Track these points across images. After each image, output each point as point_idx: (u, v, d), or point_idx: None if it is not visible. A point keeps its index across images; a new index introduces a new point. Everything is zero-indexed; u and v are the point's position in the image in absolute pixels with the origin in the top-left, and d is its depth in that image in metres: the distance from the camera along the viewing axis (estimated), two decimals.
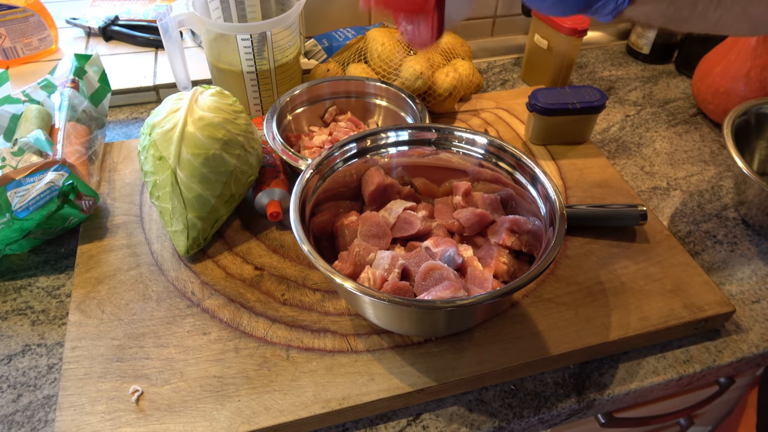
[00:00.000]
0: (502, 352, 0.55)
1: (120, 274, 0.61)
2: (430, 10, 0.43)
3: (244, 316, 0.57)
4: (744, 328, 0.62)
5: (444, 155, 0.63)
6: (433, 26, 0.44)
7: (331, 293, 0.60)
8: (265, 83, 0.79)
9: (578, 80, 1.00)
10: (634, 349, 0.59)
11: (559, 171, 0.76)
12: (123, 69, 0.92)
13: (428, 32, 0.45)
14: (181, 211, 0.60)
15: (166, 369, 0.53)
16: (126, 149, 0.77)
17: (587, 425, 0.69)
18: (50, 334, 0.58)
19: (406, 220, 0.59)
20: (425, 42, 0.46)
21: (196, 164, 0.59)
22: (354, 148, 0.61)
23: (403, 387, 0.52)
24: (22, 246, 0.63)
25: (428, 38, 0.45)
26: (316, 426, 0.51)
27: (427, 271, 0.52)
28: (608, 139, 0.86)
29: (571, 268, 0.63)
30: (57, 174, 0.60)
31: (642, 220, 0.66)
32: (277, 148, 0.67)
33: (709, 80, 0.86)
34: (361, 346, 0.55)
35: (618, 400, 0.57)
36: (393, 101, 0.77)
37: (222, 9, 0.79)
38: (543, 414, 0.54)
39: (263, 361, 0.54)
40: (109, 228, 0.66)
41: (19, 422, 0.51)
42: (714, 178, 0.80)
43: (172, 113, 0.61)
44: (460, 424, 0.53)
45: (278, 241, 0.66)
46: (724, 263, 0.68)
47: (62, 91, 0.71)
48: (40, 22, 0.93)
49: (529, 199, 0.58)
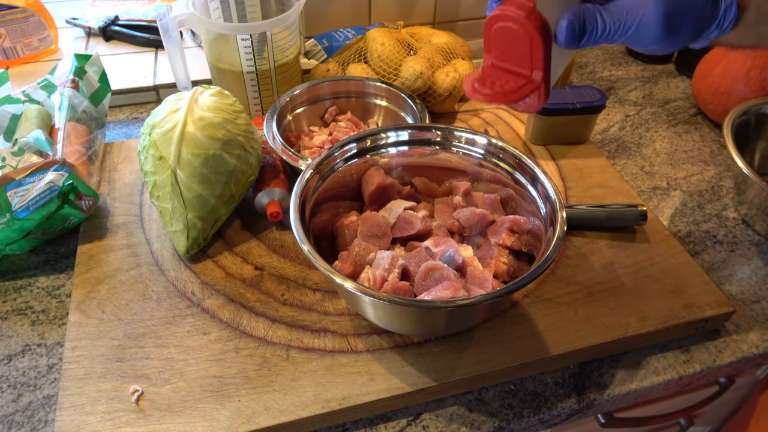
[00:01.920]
0: (502, 352, 0.55)
1: (120, 274, 0.61)
2: (538, 85, 0.44)
3: (244, 316, 0.57)
4: (744, 328, 0.62)
5: (444, 155, 0.63)
6: (541, 96, 0.45)
7: (331, 293, 0.60)
8: (265, 83, 0.79)
9: (578, 80, 1.00)
10: (634, 349, 0.59)
11: (559, 171, 0.76)
12: (123, 69, 0.92)
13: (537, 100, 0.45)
14: (181, 211, 0.60)
15: (166, 369, 0.53)
16: (126, 149, 0.77)
17: (587, 425, 0.69)
18: (50, 334, 0.58)
19: (406, 220, 0.59)
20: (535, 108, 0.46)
21: (196, 164, 0.59)
22: (354, 148, 0.61)
23: (403, 387, 0.52)
24: (22, 246, 0.63)
25: (538, 104, 0.45)
26: (316, 426, 0.51)
27: (427, 271, 0.52)
28: (608, 139, 0.86)
29: (571, 268, 0.63)
30: (57, 174, 0.60)
31: (642, 220, 0.66)
32: (277, 148, 0.67)
33: (709, 80, 0.86)
34: (361, 346, 0.55)
35: (618, 400, 0.57)
36: (393, 101, 0.77)
37: (222, 9, 0.79)
38: (543, 414, 0.54)
39: (263, 361, 0.54)
40: (109, 228, 0.66)
41: (19, 422, 0.51)
42: (714, 178, 0.80)
43: (172, 113, 0.61)
44: (460, 424, 0.53)
45: (278, 241, 0.66)
46: (724, 263, 0.68)
47: (62, 91, 0.71)
48: (40, 22, 0.93)
49: (529, 199, 0.58)
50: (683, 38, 0.42)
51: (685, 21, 0.41)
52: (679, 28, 0.41)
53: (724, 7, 0.41)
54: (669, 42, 0.42)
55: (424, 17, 0.99)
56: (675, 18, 0.41)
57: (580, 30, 0.42)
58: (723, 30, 0.42)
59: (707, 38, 0.43)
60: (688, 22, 0.41)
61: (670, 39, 0.42)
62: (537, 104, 0.45)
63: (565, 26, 0.42)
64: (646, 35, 0.41)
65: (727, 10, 0.41)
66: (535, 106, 0.45)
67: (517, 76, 0.44)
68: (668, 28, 0.41)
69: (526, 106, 0.46)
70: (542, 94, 0.44)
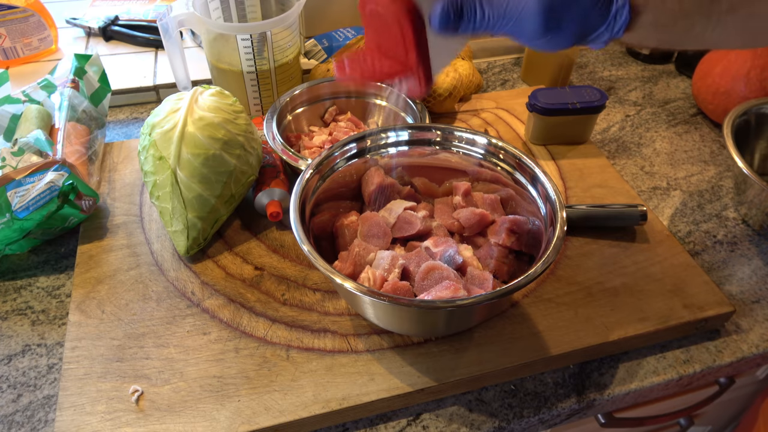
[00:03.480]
0: (502, 352, 0.55)
1: (120, 274, 0.61)
2: (413, 69, 0.43)
3: (244, 316, 0.57)
4: (744, 328, 0.62)
5: (444, 155, 0.63)
6: (420, 80, 0.44)
7: (331, 293, 0.60)
8: (265, 83, 0.79)
9: (578, 80, 1.00)
10: (634, 349, 0.59)
11: (559, 171, 0.76)
12: (123, 69, 0.92)
13: (418, 86, 0.45)
14: (181, 211, 0.60)
15: (166, 369, 0.53)
16: (126, 149, 0.77)
17: (587, 425, 0.69)
18: (50, 334, 0.58)
19: (406, 220, 0.59)
20: (418, 93, 0.46)
21: (196, 164, 0.59)
22: (354, 148, 0.61)
23: (403, 387, 0.52)
24: (22, 246, 0.63)
25: (419, 90, 0.45)
26: (316, 426, 0.51)
27: (427, 271, 0.52)
28: (608, 139, 0.86)
29: (571, 268, 0.63)
30: (57, 174, 0.60)
31: (642, 220, 0.66)
32: (277, 148, 0.67)
33: (709, 80, 0.86)
34: (361, 346, 0.55)
35: (618, 400, 0.57)
36: (393, 101, 0.77)
37: (222, 9, 0.79)
38: (543, 414, 0.54)
39: (263, 361, 0.54)
40: (109, 228, 0.66)
41: (19, 422, 0.51)
42: (714, 178, 0.80)
43: (172, 113, 0.61)
44: (460, 424, 0.53)
45: (278, 241, 0.66)
46: (724, 263, 0.68)
47: (62, 91, 0.71)
48: (40, 22, 0.93)
49: (529, 199, 0.58)
50: (566, 36, 0.40)
51: (568, 18, 0.39)
52: (561, 26, 0.40)
53: (615, 9, 0.39)
54: (551, 39, 0.40)
55: None
56: (555, 13, 0.39)
57: (456, 16, 0.40)
58: (614, 33, 0.40)
59: (600, 40, 0.41)
60: (571, 20, 0.40)
61: (551, 35, 0.40)
62: (418, 89, 0.45)
63: (439, 12, 0.40)
64: (526, 28, 0.40)
65: (617, 13, 0.39)
66: (417, 90, 0.45)
67: (392, 59, 0.44)
68: (548, 24, 0.39)
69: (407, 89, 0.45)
70: (422, 78, 0.44)
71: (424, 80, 0.44)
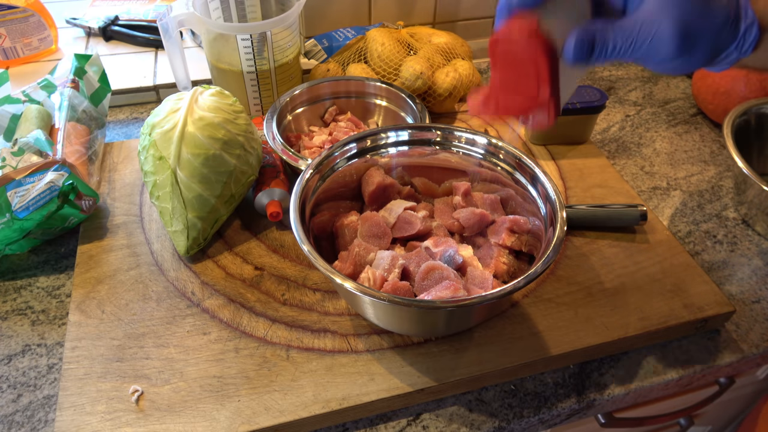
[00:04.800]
0: (502, 352, 0.55)
1: (120, 274, 0.61)
2: (546, 103, 0.43)
3: (244, 316, 0.57)
4: (744, 328, 0.62)
5: (444, 155, 0.63)
6: (550, 113, 0.44)
7: (331, 293, 0.60)
8: (265, 83, 0.79)
9: (578, 80, 1.00)
10: (634, 349, 0.59)
11: (559, 171, 0.76)
12: (123, 69, 0.92)
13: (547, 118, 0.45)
14: (181, 211, 0.60)
15: (166, 369, 0.53)
16: (126, 149, 0.77)
17: (587, 425, 0.69)
18: (50, 334, 0.58)
19: (406, 220, 0.59)
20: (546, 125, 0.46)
21: (196, 164, 0.59)
22: (354, 148, 0.61)
23: (403, 387, 0.52)
24: (22, 246, 0.63)
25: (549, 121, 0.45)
26: (316, 426, 0.51)
27: (427, 271, 0.52)
28: (608, 139, 0.86)
29: (571, 268, 0.63)
30: (57, 174, 0.60)
31: (642, 220, 0.66)
32: (277, 148, 0.67)
33: (709, 80, 0.86)
34: (361, 346, 0.55)
35: (618, 400, 0.57)
36: (393, 101, 0.77)
37: (222, 9, 0.79)
38: (543, 414, 0.54)
39: (263, 361, 0.54)
40: (109, 228, 0.66)
41: (19, 422, 0.51)
42: (714, 178, 0.80)
43: (172, 113, 0.61)
44: (460, 424, 0.53)
45: (278, 241, 0.66)
46: (724, 263, 0.68)
47: (62, 91, 0.71)
48: (40, 22, 0.93)
49: (529, 199, 0.58)
50: (699, 58, 0.40)
51: (702, 40, 0.39)
52: (695, 47, 0.39)
53: (744, 28, 0.39)
54: (683, 62, 0.40)
55: (424, 17, 0.99)
56: (691, 36, 0.39)
57: (589, 48, 0.40)
58: (743, 52, 0.40)
59: (726, 61, 0.41)
60: (705, 42, 0.39)
61: (685, 58, 0.40)
62: (547, 121, 0.45)
63: (573, 45, 0.40)
64: (660, 53, 0.40)
65: (747, 31, 0.39)
66: (545, 123, 0.45)
67: (524, 95, 0.44)
68: (683, 46, 0.39)
69: (536, 122, 0.45)
70: (552, 110, 0.44)
71: (554, 111, 0.44)
